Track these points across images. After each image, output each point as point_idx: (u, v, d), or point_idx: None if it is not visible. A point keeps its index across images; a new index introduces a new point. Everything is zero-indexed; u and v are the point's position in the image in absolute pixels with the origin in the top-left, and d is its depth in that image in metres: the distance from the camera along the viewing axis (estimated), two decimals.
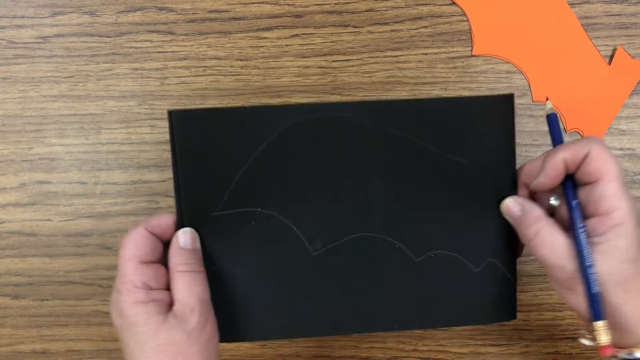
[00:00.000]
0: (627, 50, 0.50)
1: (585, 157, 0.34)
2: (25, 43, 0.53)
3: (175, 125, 0.38)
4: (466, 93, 0.51)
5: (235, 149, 0.37)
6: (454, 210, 0.39)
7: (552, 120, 0.38)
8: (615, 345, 0.34)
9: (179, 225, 0.38)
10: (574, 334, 0.52)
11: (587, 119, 0.51)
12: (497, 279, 0.39)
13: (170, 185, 0.53)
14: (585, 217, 0.35)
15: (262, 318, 0.39)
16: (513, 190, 0.39)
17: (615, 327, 0.34)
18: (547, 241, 0.35)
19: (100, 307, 0.54)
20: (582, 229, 0.34)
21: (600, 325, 0.34)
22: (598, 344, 0.34)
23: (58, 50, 0.53)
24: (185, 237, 0.38)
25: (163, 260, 0.38)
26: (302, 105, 0.38)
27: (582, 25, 0.51)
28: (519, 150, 0.51)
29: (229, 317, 0.38)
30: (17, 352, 0.55)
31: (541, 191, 0.38)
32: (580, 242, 0.34)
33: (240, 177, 0.37)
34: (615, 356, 0.34)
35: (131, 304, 0.35)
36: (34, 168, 0.54)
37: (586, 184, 0.35)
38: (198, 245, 0.38)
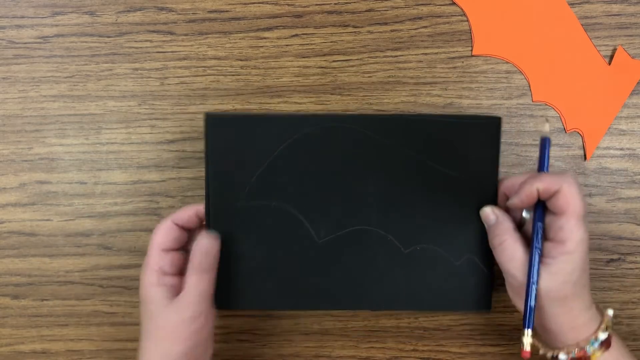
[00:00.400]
0: (627, 50, 0.50)
1: (557, 192, 0.39)
2: (25, 43, 0.53)
3: (209, 128, 0.44)
4: (466, 93, 0.51)
5: (256, 150, 0.44)
6: (440, 212, 0.45)
7: (545, 144, 0.43)
8: (546, 345, 0.42)
9: (207, 213, 0.45)
10: None
11: (587, 119, 0.51)
12: (474, 272, 0.46)
13: (170, 186, 0.53)
14: (545, 238, 0.41)
15: (269, 290, 0.45)
16: (493, 200, 0.45)
17: (548, 332, 0.41)
18: (508, 252, 0.41)
19: (100, 307, 0.54)
20: (538, 250, 0.40)
21: (527, 332, 0.41)
22: (521, 346, 0.41)
23: (58, 50, 0.53)
24: (204, 242, 0.43)
25: (189, 245, 0.45)
26: (314, 115, 0.46)
27: (582, 25, 0.51)
28: (518, 150, 0.52)
29: (239, 286, 0.45)
30: (17, 352, 0.55)
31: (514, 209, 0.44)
32: (533, 261, 0.40)
33: (259, 175, 0.44)
34: (544, 355, 0.42)
35: (147, 284, 0.44)
36: (34, 168, 0.54)
37: (553, 212, 0.40)
38: (215, 248, 0.44)
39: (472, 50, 0.51)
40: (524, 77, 0.51)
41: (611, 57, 0.51)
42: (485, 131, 0.45)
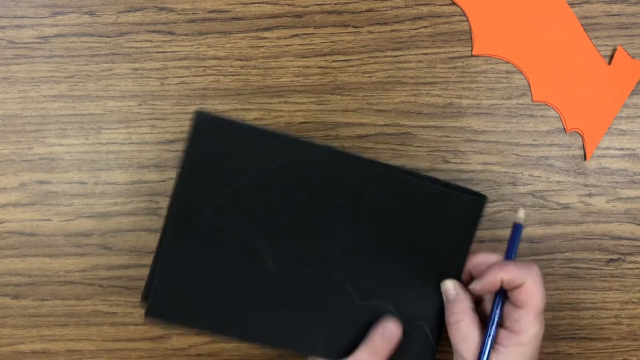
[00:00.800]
0: (627, 50, 0.50)
1: (520, 285, 0.40)
2: (25, 43, 0.53)
3: (197, 126, 0.41)
4: (466, 93, 0.51)
5: (236, 163, 0.41)
6: (402, 272, 0.43)
7: (516, 231, 0.43)
8: None
9: (169, 215, 0.42)
10: (574, 334, 0.52)
11: (587, 119, 0.51)
12: (421, 342, 0.44)
13: (170, 186, 0.53)
14: (501, 324, 0.41)
15: (208, 310, 0.42)
16: (457, 275, 0.43)
17: None
18: (463, 332, 0.41)
19: (100, 307, 0.54)
20: (491, 337, 0.40)
21: None
22: None
23: (58, 50, 0.53)
24: (392, 328, 0.42)
25: None
26: (305, 144, 0.42)
27: (582, 25, 0.51)
28: (518, 150, 0.52)
29: (179, 298, 0.42)
30: (17, 352, 0.55)
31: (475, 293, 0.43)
32: (485, 347, 0.40)
33: (231, 191, 0.41)
34: None
35: None
36: (34, 168, 0.54)
37: (512, 302, 0.41)
38: (398, 338, 0.42)
39: (472, 50, 0.51)
40: (524, 77, 0.51)
41: (611, 57, 0.51)
42: (467, 207, 0.43)
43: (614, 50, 0.51)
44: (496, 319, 0.41)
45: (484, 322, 0.42)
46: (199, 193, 0.41)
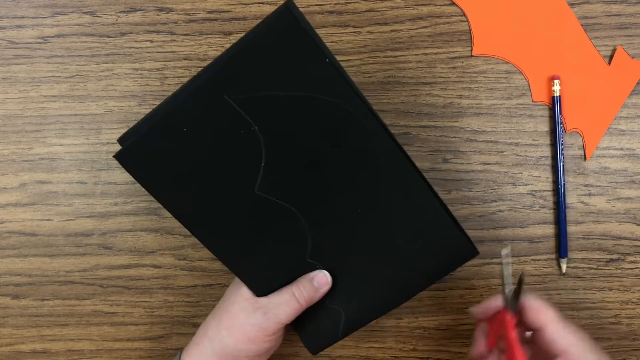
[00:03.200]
0: (626, 50, 0.50)
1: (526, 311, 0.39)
2: (26, 43, 0.53)
3: (278, 17, 0.36)
4: (466, 93, 0.52)
5: (288, 75, 0.38)
6: (367, 260, 0.43)
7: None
8: None
9: (197, 78, 0.39)
10: None
11: (587, 119, 0.51)
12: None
13: None
14: (554, 356, 0.38)
15: (174, 185, 0.41)
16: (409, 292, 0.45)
17: None
18: None
19: (100, 307, 0.54)
20: None
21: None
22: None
23: (58, 50, 0.53)
24: (322, 278, 0.43)
25: None
26: (358, 100, 0.39)
27: (582, 25, 0.51)
28: (518, 150, 0.52)
29: (152, 158, 0.40)
30: (17, 351, 0.55)
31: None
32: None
33: (264, 96, 0.38)
34: None
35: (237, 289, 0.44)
36: (34, 168, 0.54)
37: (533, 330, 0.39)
38: (326, 290, 0.43)
39: (472, 50, 0.51)
40: (523, 77, 0.51)
41: (611, 57, 0.51)
42: (457, 249, 0.43)
43: (614, 50, 0.51)
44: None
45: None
46: (238, 78, 0.38)
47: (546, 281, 0.52)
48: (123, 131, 0.53)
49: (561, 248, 0.51)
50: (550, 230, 0.51)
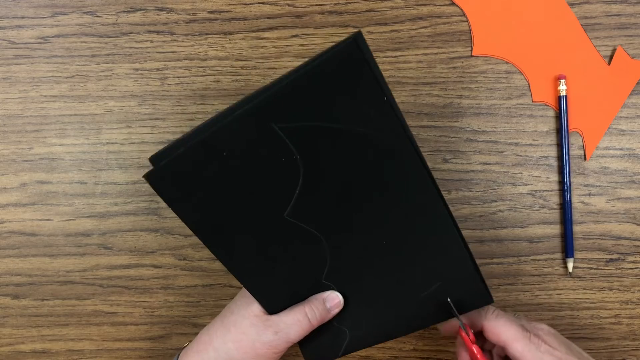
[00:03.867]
0: (626, 50, 0.50)
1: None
2: (26, 43, 0.53)
3: (347, 50, 0.35)
4: (466, 93, 0.52)
5: (342, 108, 0.37)
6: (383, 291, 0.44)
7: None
8: None
9: (247, 101, 0.38)
10: (574, 333, 0.52)
11: (587, 119, 0.51)
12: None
13: None
14: None
15: (202, 210, 0.40)
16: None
17: None
18: None
19: (100, 307, 0.54)
20: None
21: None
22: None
23: (58, 50, 0.53)
24: (335, 299, 0.43)
25: None
26: (405, 139, 0.38)
27: (582, 25, 0.51)
28: (518, 150, 0.52)
29: (186, 179, 0.39)
30: (17, 351, 0.55)
31: None
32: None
33: (312, 127, 0.37)
34: None
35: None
36: (35, 168, 0.54)
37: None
38: (337, 311, 0.43)
39: (472, 50, 0.51)
40: (523, 77, 0.51)
41: (611, 57, 0.51)
42: (473, 294, 0.43)
43: (614, 50, 0.51)
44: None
45: None
46: (290, 106, 0.36)
47: (546, 281, 0.52)
48: (124, 131, 0.53)
49: (567, 248, 0.51)
50: (550, 230, 0.51)
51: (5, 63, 0.53)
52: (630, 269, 0.51)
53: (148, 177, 0.38)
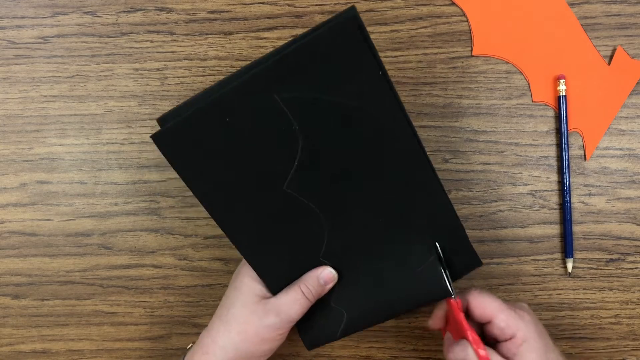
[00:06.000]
0: (626, 50, 0.50)
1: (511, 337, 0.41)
2: (26, 43, 0.53)
3: (344, 22, 0.36)
4: (466, 93, 0.52)
5: (339, 77, 0.38)
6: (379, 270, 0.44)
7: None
8: None
9: (250, 67, 0.39)
10: (574, 333, 0.52)
11: (587, 119, 0.51)
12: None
13: (170, 185, 0.53)
14: (502, 340, 0.41)
15: (205, 173, 0.41)
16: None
17: None
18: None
19: (100, 307, 0.54)
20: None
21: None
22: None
23: (58, 50, 0.53)
24: (328, 274, 0.44)
25: None
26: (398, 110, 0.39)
27: (582, 25, 0.51)
28: (518, 150, 0.52)
29: (191, 142, 0.40)
30: (17, 351, 0.55)
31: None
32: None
33: (311, 97, 0.38)
34: None
35: (248, 276, 0.44)
36: (35, 168, 0.54)
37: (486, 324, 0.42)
38: (332, 285, 0.44)
39: (472, 50, 0.51)
40: (523, 77, 0.51)
41: (611, 57, 0.51)
42: (468, 257, 0.45)
43: (614, 50, 0.51)
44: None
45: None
46: (290, 76, 0.38)
47: (546, 281, 0.52)
48: (124, 131, 0.53)
49: (567, 248, 0.51)
50: (550, 230, 0.51)
51: (5, 63, 0.54)
52: (630, 269, 0.51)
53: (154, 137, 0.39)
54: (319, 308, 0.45)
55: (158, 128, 0.39)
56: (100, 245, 0.54)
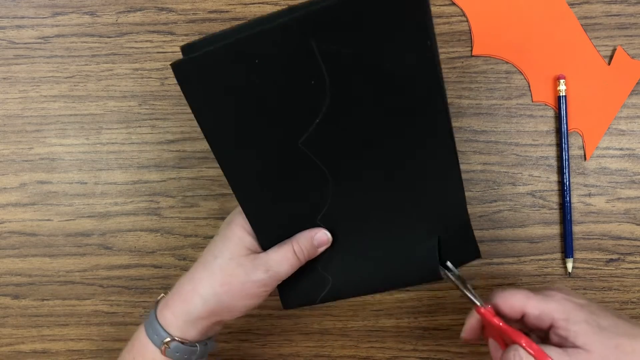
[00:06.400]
0: (626, 50, 0.50)
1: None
2: (26, 43, 0.53)
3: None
4: (466, 93, 0.52)
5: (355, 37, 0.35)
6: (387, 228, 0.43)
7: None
8: None
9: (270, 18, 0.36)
10: None
11: (587, 119, 0.51)
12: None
13: (170, 185, 0.53)
14: (547, 329, 0.38)
15: (220, 111, 0.39)
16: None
17: None
18: None
19: (100, 307, 0.54)
20: None
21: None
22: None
23: (58, 50, 0.53)
24: (322, 237, 0.42)
25: None
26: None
27: (582, 25, 0.51)
28: (518, 150, 0.52)
29: (207, 77, 0.37)
30: (17, 351, 0.55)
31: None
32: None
33: (325, 52, 0.36)
34: None
35: (240, 226, 0.42)
36: (35, 168, 0.54)
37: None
38: (319, 251, 0.42)
39: (472, 50, 0.51)
40: (523, 77, 0.51)
41: (611, 57, 0.51)
42: (465, 247, 0.43)
43: (614, 50, 0.51)
44: None
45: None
46: (333, 27, 0.35)
47: (546, 281, 0.52)
48: (123, 131, 0.53)
49: (567, 248, 0.51)
50: (550, 230, 0.51)
51: (5, 63, 0.54)
52: (630, 269, 0.51)
53: (174, 65, 0.36)
54: (305, 270, 0.43)
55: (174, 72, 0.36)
56: (100, 245, 0.54)
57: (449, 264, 0.42)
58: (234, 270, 0.41)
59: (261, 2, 0.52)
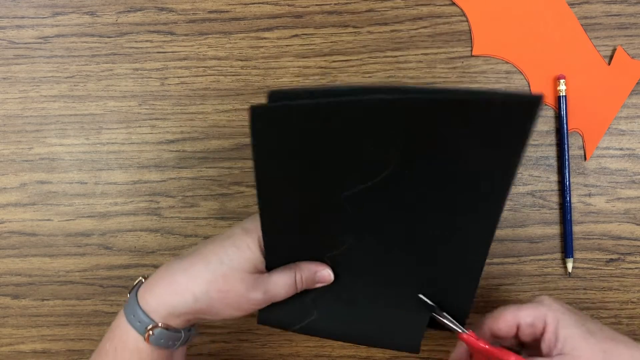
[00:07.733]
0: (626, 50, 0.50)
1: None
2: (26, 43, 0.53)
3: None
4: None
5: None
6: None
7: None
8: None
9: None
10: None
11: (587, 119, 0.51)
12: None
13: (170, 185, 0.53)
14: (540, 337, 0.39)
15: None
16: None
17: None
18: None
19: (100, 307, 0.54)
20: None
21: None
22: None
23: (58, 50, 0.53)
24: (325, 275, 0.43)
25: None
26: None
27: (582, 25, 0.51)
28: None
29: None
30: (17, 351, 0.55)
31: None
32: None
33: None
34: None
35: (257, 242, 0.41)
36: (35, 168, 0.54)
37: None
38: (317, 286, 0.43)
39: (472, 50, 0.51)
40: (523, 77, 0.51)
41: (611, 57, 0.51)
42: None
43: (614, 50, 0.51)
44: None
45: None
46: (437, 118, 0.34)
47: (546, 281, 0.52)
48: (123, 131, 0.53)
49: (567, 248, 0.51)
50: (550, 230, 0.51)
51: (5, 63, 0.54)
52: (630, 269, 0.51)
53: (253, 108, 0.34)
54: (295, 296, 0.43)
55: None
56: (100, 245, 0.54)
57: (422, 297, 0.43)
58: (235, 282, 0.40)
59: (261, 2, 0.52)
